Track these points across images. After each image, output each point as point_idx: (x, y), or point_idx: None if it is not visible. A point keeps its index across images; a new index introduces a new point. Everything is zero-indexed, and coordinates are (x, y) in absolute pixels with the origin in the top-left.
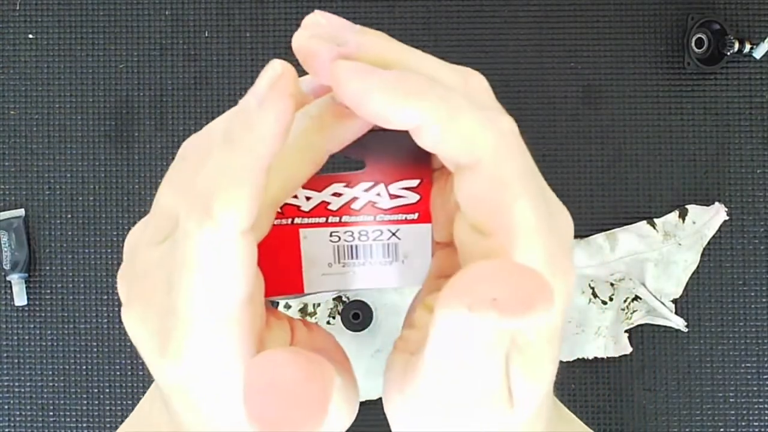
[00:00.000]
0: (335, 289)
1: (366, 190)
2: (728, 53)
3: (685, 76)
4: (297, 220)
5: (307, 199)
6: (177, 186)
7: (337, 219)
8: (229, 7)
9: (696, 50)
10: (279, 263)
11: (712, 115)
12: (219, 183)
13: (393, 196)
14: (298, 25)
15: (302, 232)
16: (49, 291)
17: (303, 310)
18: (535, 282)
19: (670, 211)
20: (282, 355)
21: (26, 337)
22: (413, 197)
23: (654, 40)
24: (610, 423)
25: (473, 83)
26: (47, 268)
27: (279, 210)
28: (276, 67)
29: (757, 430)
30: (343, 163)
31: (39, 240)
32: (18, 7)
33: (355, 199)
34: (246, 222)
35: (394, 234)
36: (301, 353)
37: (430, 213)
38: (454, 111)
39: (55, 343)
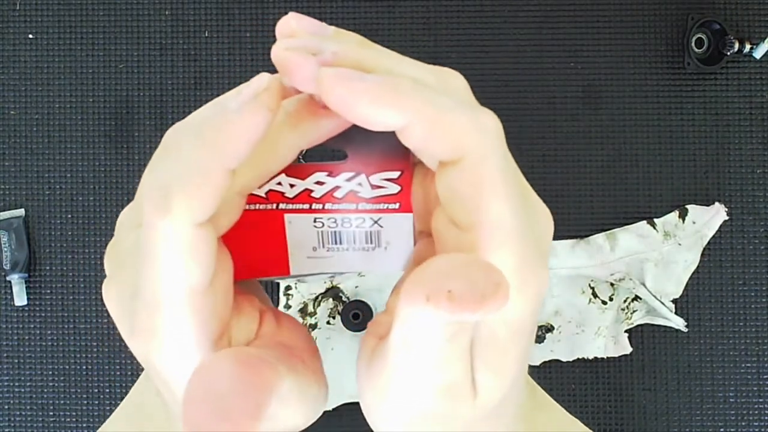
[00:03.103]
0: (321, 272)
1: (348, 180)
2: (728, 53)
3: (685, 76)
4: (282, 206)
5: (291, 186)
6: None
7: (320, 206)
8: (229, 7)
9: (696, 50)
10: (265, 246)
11: (712, 115)
12: (181, 176)
13: (374, 187)
14: None
15: (287, 217)
16: (49, 291)
17: (303, 310)
18: (492, 277)
19: (670, 211)
20: (220, 363)
21: (26, 337)
22: (394, 188)
23: (654, 40)
24: (610, 423)
25: (452, 84)
26: (47, 268)
27: (264, 196)
28: (263, 79)
29: (757, 430)
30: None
31: (39, 240)
32: (18, 7)
33: (337, 187)
34: (202, 217)
35: (376, 222)
36: (243, 360)
37: (411, 204)
38: (440, 111)
39: (55, 343)
